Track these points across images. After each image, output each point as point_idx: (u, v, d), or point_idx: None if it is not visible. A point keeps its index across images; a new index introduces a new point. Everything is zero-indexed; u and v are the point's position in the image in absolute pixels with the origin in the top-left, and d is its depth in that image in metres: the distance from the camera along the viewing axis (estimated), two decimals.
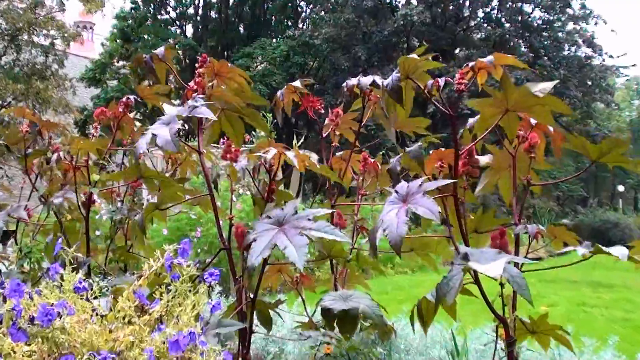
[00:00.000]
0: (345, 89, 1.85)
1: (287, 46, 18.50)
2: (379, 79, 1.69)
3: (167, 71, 1.93)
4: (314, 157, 1.59)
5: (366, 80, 1.79)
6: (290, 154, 1.50)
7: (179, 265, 1.28)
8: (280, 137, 18.80)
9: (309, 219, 1.34)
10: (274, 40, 19.60)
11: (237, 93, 1.82)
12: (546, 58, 18.44)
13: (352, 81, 1.84)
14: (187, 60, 20.12)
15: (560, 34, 19.24)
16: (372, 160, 2.10)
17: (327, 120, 2.11)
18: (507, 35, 18.19)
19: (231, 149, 1.74)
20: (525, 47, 19.00)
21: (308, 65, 20.23)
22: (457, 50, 19.13)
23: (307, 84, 1.98)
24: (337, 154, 2.18)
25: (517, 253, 1.56)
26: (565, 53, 19.16)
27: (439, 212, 1.17)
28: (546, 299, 6.60)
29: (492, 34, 18.52)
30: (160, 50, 1.90)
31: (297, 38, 18.71)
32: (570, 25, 19.56)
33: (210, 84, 1.79)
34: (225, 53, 21.66)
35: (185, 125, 1.73)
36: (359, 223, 2.07)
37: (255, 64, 19.48)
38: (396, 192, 1.33)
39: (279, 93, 1.96)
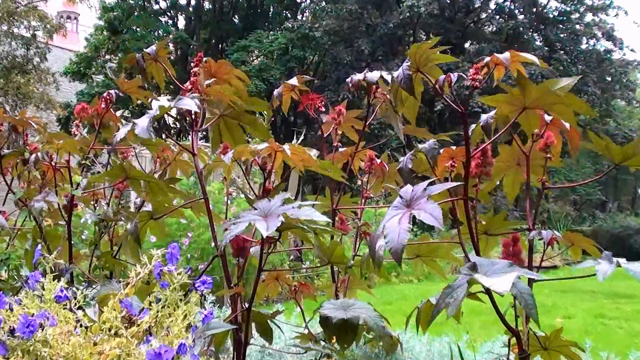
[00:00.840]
0: (350, 85, 1.84)
1: (285, 39, 18.52)
2: (386, 74, 1.69)
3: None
4: (313, 152, 1.60)
5: (373, 75, 1.79)
6: (285, 147, 1.52)
7: (169, 273, 1.27)
8: (277, 137, 18.83)
9: (294, 207, 1.37)
10: (272, 32, 19.61)
11: (235, 97, 1.82)
12: (562, 52, 18.48)
13: (358, 76, 1.84)
14: (178, 53, 20.15)
15: (577, 26, 19.28)
16: (379, 160, 2.09)
17: (326, 119, 2.10)
18: (521, 28, 18.22)
19: (227, 149, 1.75)
20: (540, 41, 19.05)
21: (308, 59, 20.25)
22: (467, 44, 19.18)
23: (305, 81, 1.98)
24: (341, 149, 2.17)
25: (530, 261, 1.56)
26: (583, 47, 19.20)
27: (450, 217, 1.17)
28: (562, 311, 6.59)
29: (504, 26, 18.55)
30: (152, 48, 1.90)
31: (296, 30, 18.72)
32: (588, 17, 19.61)
33: (206, 83, 1.79)
34: (220, 46, 21.70)
35: (177, 124, 1.74)
36: (362, 228, 2.07)
37: (251, 58, 19.52)
38: (400, 196, 1.33)
39: (275, 93, 1.96)
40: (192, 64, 1.83)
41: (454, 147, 1.61)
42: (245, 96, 1.89)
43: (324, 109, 2.04)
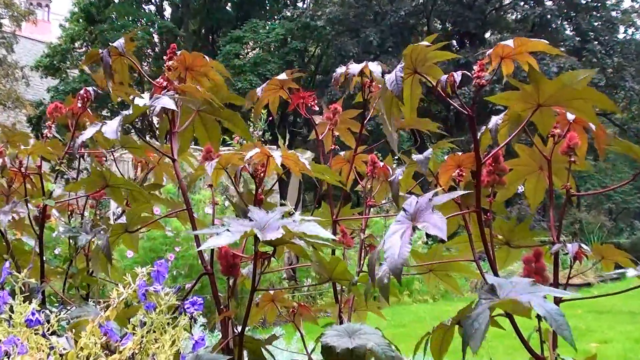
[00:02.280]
0: (333, 80, 1.86)
1: (283, 29, 18.58)
2: (375, 66, 1.69)
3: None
4: (307, 155, 1.61)
5: (354, 67, 1.80)
6: (275, 154, 1.52)
7: (155, 293, 1.28)
8: (275, 138, 18.81)
9: (294, 221, 1.38)
10: (269, 22, 19.69)
11: (213, 92, 1.83)
12: (596, 42, 18.47)
13: (341, 69, 1.86)
14: (164, 45, 20.22)
15: (614, 13, 19.29)
16: (382, 163, 2.10)
17: (320, 119, 2.10)
18: (549, 16, 18.23)
19: (211, 153, 1.76)
20: (570, 30, 19.05)
21: (309, 51, 20.31)
22: (487, 34, 19.18)
23: (296, 77, 1.99)
24: (340, 153, 2.18)
25: (556, 277, 1.57)
26: (620, 36, 19.20)
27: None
28: (597, 335, 6.57)
29: (530, 14, 18.58)
30: (120, 41, 1.90)
31: (296, 19, 18.80)
32: (626, 3, 19.67)
33: (176, 78, 1.81)
34: (210, 37, 21.78)
35: (155, 126, 1.76)
36: (367, 241, 2.08)
37: (246, 51, 19.55)
38: (404, 209, 1.34)
39: (257, 90, 1.97)
40: (165, 57, 1.84)
41: (460, 154, 1.62)
42: (224, 91, 1.91)
43: (317, 108, 2.04)
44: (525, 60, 1.44)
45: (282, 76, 1.96)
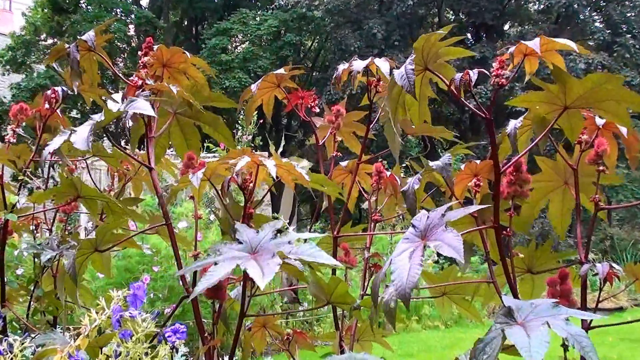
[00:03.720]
0: (333, 78, 1.86)
1: (277, 20, 18.62)
2: (382, 62, 1.69)
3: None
4: (304, 164, 1.60)
5: (359, 64, 1.80)
6: (268, 163, 1.51)
7: (131, 319, 1.28)
8: (266, 144, 18.79)
9: (290, 243, 1.36)
10: (260, 12, 19.72)
11: (192, 91, 1.83)
12: (629, 36, 18.50)
13: (344, 65, 1.85)
14: (141, 39, 20.23)
15: None
16: (389, 172, 2.10)
17: (320, 122, 2.10)
18: (576, 5, 18.27)
19: (194, 161, 1.76)
20: (600, 22, 19.08)
21: (305, 46, 20.34)
22: (506, 27, 19.24)
23: (294, 74, 1.99)
24: (342, 163, 2.17)
25: (584, 301, 1.57)
26: None
27: (471, 248, 1.18)
28: None
29: (554, 3, 18.60)
30: (89, 34, 1.88)
31: (291, 9, 18.83)
32: None
33: (152, 76, 1.81)
34: (194, 29, 21.81)
35: (128, 132, 1.76)
36: (372, 260, 2.08)
37: (234, 45, 19.58)
38: (413, 226, 1.34)
39: (252, 87, 1.96)
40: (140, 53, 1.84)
41: (477, 161, 1.62)
42: (206, 91, 1.91)
43: (317, 110, 2.04)
44: (551, 58, 1.44)
45: (281, 71, 1.96)
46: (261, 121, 7.97)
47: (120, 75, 1.89)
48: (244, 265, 1.29)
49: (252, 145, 7.82)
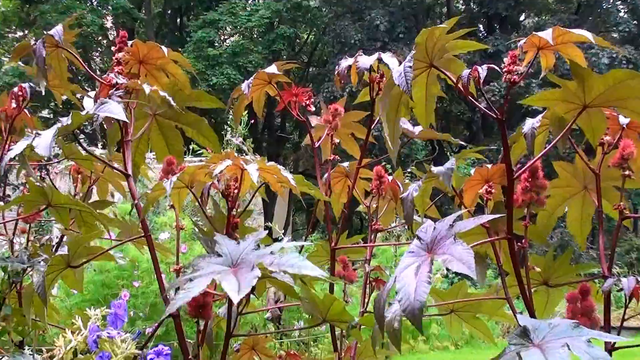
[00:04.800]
0: (337, 74, 1.85)
1: (269, 11, 18.66)
2: (389, 58, 1.68)
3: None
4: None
5: (366, 60, 1.79)
6: (251, 167, 1.50)
7: (109, 340, 1.28)
8: (259, 146, 18.86)
9: (272, 253, 1.35)
10: (250, 1, 19.76)
11: (172, 90, 1.83)
12: None
13: (346, 62, 1.85)
14: (119, 32, 20.24)
15: None
16: (391, 177, 2.09)
17: (316, 121, 2.10)
18: None
19: (173, 167, 1.76)
20: (625, 11, 19.13)
21: (301, 38, 20.37)
22: (522, 17, 19.29)
23: (287, 68, 1.99)
24: (343, 165, 2.17)
25: (607, 319, 1.57)
26: None
27: (485, 261, 1.18)
28: None
29: None
30: (57, 29, 1.86)
31: None
32: None
33: (127, 74, 1.81)
34: (179, 21, 21.84)
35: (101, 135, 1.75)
36: (373, 274, 2.08)
37: (222, 38, 19.61)
38: (419, 238, 1.34)
39: (243, 85, 1.95)
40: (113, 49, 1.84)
41: (489, 166, 1.62)
42: (187, 88, 1.90)
43: (313, 109, 2.04)
44: (568, 51, 1.44)
45: (272, 68, 1.95)
46: (252, 121, 7.95)
47: (92, 73, 1.88)
48: (220, 279, 1.28)
49: (243, 147, 7.79)
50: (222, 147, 7.10)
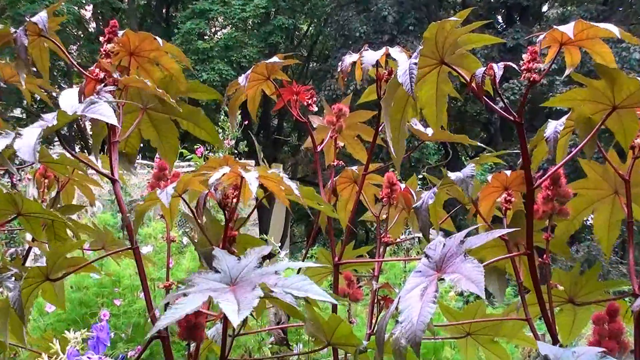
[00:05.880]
0: (339, 70, 1.85)
1: (265, 0, 18.67)
2: (398, 53, 1.68)
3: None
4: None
5: (371, 55, 1.78)
6: (250, 176, 1.49)
7: None
8: (254, 148, 18.78)
9: (277, 273, 1.35)
10: None
11: (166, 85, 1.83)
12: None
13: (350, 58, 1.84)
14: (99, 24, 20.28)
15: None
16: (403, 184, 2.09)
17: (318, 122, 2.09)
18: None
19: (166, 172, 1.76)
20: None
21: (300, 30, 20.37)
22: (545, 7, 19.29)
23: (286, 64, 1.98)
24: (351, 168, 2.15)
25: (638, 345, 1.57)
26: None
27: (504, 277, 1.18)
28: None
29: None
30: (40, 16, 1.84)
31: None
32: None
33: (116, 67, 1.80)
34: (165, 11, 21.85)
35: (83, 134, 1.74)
36: (381, 292, 2.08)
37: (213, 30, 19.61)
38: (427, 256, 1.34)
39: (241, 78, 1.95)
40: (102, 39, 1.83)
41: (507, 172, 1.61)
42: (182, 82, 1.90)
43: (315, 108, 2.03)
44: (594, 47, 1.44)
45: (274, 59, 1.94)
46: (246, 122, 7.91)
47: (77, 66, 1.88)
48: (217, 298, 1.28)
49: (236, 151, 7.77)
50: (213, 150, 7.08)
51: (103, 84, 1.73)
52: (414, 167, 15.39)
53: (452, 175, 1.68)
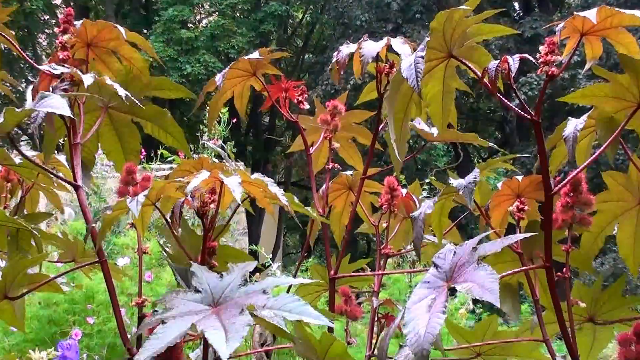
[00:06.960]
0: (335, 62, 1.84)
1: None
2: (399, 44, 1.68)
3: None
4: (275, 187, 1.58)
5: (372, 46, 1.78)
6: (232, 181, 1.48)
7: None
8: (243, 150, 18.86)
9: (265, 292, 1.34)
10: None
11: (127, 78, 1.82)
12: None
13: (347, 48, 1.84)
14: (73, 12, 20.22)
15: None
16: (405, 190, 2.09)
17: (310, 122, 2.09)
18: None
19: (134, 176, 1.75)
20: None
21: (294, 18, 20.39)
22: None
23: (276, 57, 1.98)
24: (346, 173, 2.15)
25: None
26: None
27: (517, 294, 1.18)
28: None
29: None
30: None
31: None
32: None
33: (76, 60, 1.80)
34: None
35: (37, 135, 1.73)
36: (382, 309, 2.08)
37: (198, 17, 19.62)
38: (436, 265, 1.34)
39: (217, 76, 1.93)
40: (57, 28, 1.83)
41: (520, 177, 1.61)
42: (145, 76, 1.88)
43: (307, 106, 2.02)
44: (618, 37, 1.44)
45: (255, 55, 1.93)
46: (234, 121, 7.88)
47: (30, 60, 1.88)
48: (201, 326, 1.27)
49: (222, 154, 7.74)
50: (197, 151, 7.07)
51: (59, 80, 1.73)
52: (421, 171, 15.40)
53: (454, 182, 1.68)
